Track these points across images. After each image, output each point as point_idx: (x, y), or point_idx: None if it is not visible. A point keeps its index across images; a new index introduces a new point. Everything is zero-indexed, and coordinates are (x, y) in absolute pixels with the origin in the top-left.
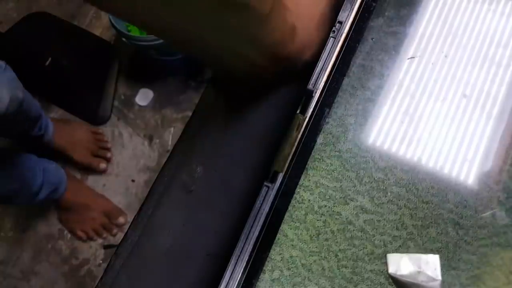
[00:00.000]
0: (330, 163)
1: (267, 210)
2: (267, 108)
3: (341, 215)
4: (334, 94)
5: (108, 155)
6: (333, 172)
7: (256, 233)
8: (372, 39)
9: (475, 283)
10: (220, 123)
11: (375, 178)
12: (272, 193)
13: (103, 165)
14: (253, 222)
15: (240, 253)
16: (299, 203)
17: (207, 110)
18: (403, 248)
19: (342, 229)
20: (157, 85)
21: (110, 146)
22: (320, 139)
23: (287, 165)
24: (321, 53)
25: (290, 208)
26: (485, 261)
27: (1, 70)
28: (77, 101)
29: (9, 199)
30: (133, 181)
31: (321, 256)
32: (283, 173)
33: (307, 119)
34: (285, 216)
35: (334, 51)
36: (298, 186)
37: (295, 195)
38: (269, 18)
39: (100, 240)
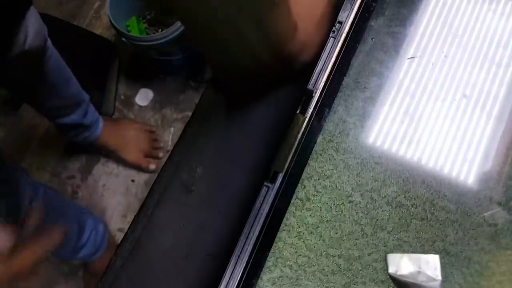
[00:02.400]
0: (330, 163)
1: (267, 210)
2: (267, 108)
3: (341, 214)
4: (334, 94)
5: (160, 155)
6: (333, 172)
7: (256, 233)
8: (372, 39)
9: (475, 282)
10: (220, 123)
11: (375, 178)
12: (272, 193)
13: (152, 166)
14: (253, 222)
15: (240, 253)
16: (299, 203)
17: (207, 110)
18: (403, 248)
19: (343, 228)
20: (157, 85)
21: (162, 146)
22: (320, 139)
23: (287, 165)
24: (321, 53)
25: (290, 208)
26: (485, 261)
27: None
28: None
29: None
30: (133, 181)
31: (321, 256)
32: (283, 173)
33: (307, 119)
34: (285, 216)
35: (334, 51)
36: (298, 186)
37: (295, 195)
38: (278, 5)
39: None
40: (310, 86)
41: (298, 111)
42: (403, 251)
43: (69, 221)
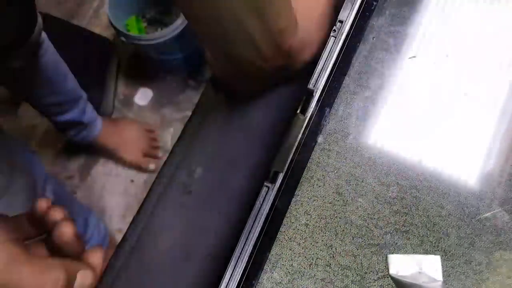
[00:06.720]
0: (331, 163)
1: (267, 210)
2: (267, 108)
3: (341, 215)
4: (335, 93)
5: (160, 154)
6: (333, 172)
7: (256, 233)
8: (373, 38)
9: (477, 284)
10: (219, 123)
11: (376, 179)
12: (272, 193)
13: (152, 166)
14: (253, 222)
15: (240, 253)
16: (299, 204)
17: (207, 110)
18: (404, 249)
19: (343, 229)
20: (156, 84)
21: (160, 145)
22: (320, 139)
23: (287, 165)
24: (321, 53)
25: (290, 208)
26: (487, 262)
27: None
28: None
29: None
30: (132, 181)
31: (322, 257)
32: (283, 173)
33: (307, 119)
34: (285, 216)
35: (335, 50)
36: (298, 186)
37: (295, 195)
38: None
39: None
40: (310, 86)
41: (298, 111)
42: (404, 252)
43: (76, 215)
